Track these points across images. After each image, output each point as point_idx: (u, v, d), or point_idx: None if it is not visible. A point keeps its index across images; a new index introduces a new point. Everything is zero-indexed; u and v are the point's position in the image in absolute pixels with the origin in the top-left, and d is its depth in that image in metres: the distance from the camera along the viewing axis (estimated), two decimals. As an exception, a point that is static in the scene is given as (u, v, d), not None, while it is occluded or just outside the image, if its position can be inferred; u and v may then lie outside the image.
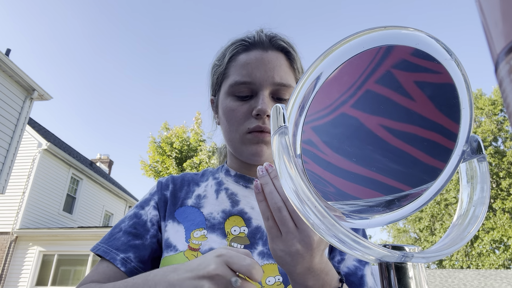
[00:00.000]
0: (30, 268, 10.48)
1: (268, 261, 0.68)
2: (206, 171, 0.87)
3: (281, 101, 0.75)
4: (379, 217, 0.38)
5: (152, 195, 0.80)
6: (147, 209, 0.78)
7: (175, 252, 0.70)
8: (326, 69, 0.35)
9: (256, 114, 0.72)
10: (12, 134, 8.55)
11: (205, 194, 0.79)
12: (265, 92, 0.73)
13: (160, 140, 12.76)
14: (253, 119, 0.73)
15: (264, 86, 0.73)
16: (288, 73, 0.77)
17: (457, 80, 0.36)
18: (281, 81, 0.74)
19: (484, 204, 0.36)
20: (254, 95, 0.74)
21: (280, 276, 0.66)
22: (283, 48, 0.78)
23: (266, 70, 0.74)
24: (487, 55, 0.19)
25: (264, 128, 0.72)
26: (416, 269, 0.31)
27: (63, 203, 12.45)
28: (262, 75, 0.74)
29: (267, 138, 0.73)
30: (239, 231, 0.72)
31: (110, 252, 0.71)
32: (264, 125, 0.72)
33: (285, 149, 0.33)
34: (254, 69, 0.74)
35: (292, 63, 0.79)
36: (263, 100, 0.72)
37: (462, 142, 0.37)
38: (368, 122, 0.37)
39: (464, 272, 14.58)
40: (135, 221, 0.76)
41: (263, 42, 0.78)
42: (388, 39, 0.35)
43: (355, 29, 0.36)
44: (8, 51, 8.94)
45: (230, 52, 0.79)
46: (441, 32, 40.25)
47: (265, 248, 0.69)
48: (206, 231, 0.72)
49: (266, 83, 0.73)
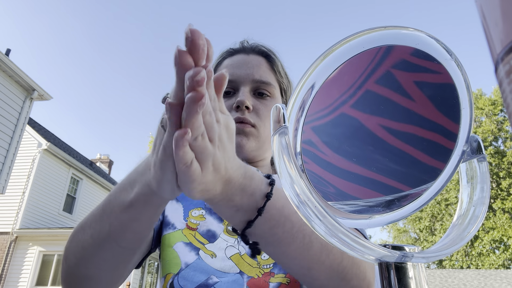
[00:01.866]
0: (30, 268, 10.48)
1: None
2: None
3: (262, 96, 0.80)
4: (379, 217, 0.38)
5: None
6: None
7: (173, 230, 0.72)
8: (326, 69, 0.35)
9: (236, 106, 0.76)
10: (12, 134, 8.55)
11: None
12: (245, 88, 0.79)
13: (160, 140, 12.74)
14: (234, 112, 0.77)
15: (245, 83, 0.79)
16: (268, 73, 0.83)
17: (457, 80, 0.36)
18: (260, 78, 0.80)
19: (484, 204, 0.36)
20: (236, 92, 0.80)
21: None
22: (263, 52, 0.86)
23: (246, 69, 0.81)
24: (487, 55, 0.19)
25: (244, 119, 0.75)
26: (416, 269, 0.31)
27: (63, 203, 12.45)
28: (242, 73, 0.80)
29: (247, 129, 0.76)
30: None
31: None
32: (244, 116, 0.76)
33: (285, 149, 0.33)
34: (236, 68, 0.81)
35: (273, 65, 0.85)
36: (243, 93, 0.77)
37: (462, 142, 0.37)
38: (368, 122, 0.37)
39: (464, 272, 14.59)
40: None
41: (246, 48, 0.86)
42: (388, 39, 0.35)
43: (355, 29, 0.36)
44: (8, 51, 8.93)
45: (216, 60, 0.87)
46: (441, 32, 40.27)
47: None
48: (204, 211, 0.74)
49: (247, 80, 0.79)
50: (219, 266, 0.66)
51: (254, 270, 0.66)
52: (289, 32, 53.94)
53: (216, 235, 0.70)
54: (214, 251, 0.68)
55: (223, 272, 0.66)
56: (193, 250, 0.68)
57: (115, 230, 0.50)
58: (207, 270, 0.66)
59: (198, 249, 0.68)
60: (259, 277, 0.66)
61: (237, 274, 0.65)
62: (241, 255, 0.68)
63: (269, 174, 0.48)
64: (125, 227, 0.50)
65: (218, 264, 0.66)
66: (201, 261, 0.67)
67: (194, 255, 0.67)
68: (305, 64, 0.36)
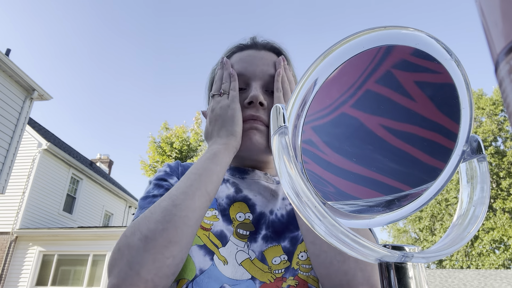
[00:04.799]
0: (30, 268, 10.48)
1: (272, 243, 0.69)
2: None
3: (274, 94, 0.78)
4: (379, 217, 0.38)
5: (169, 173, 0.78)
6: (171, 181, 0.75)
7: None
8: (326, 69, 0.35)
9: (248, 101, 0.74)
10: (12, 134, 8.55)
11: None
12: (257, 83, 0.77)
13: (160, 140, 12.76)
14: (246, 109, 0.75)
15: (257, 78, 0.77)
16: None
17: (457, 80, 0.36)
18: (272, 73, 0.78)
19: (484, 204, 0.36)
20: (247, 88, 0.77)
21: (285, 255, 0.68)
22: (275, 49, 0.83)
23: (258, 64, 0.78)
24: (487, 55, 0.19)
25: (257, 117, 0.74)
26: (416, 269, 0.31)
27: (63, 203, 12.45)
28: (254, 68, 0.78)
29: (261, 126, 0.74)
30: (244, 217, 0.72)
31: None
32: (258, 114, 0.74)
33: (285, 149, 0.33)
34: (247, 63, 0.79)
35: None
36: (255, 89, 0.75)
37: (462, 142, 0.37)
38: (368, 122, 0.37)
39: (464, 272, 14.59)
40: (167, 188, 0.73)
41: (257, 44, 0.83)
42: (388, 39, 0.35)
43: (355, 29, 0.36)
44: (8, 51, 8.94)
45: (224, 54, 0.84)
46: (441, 32, 40.26)
47: (268, 231, 0.71)
48: (217, 212, 0.73)
49: (259, 75, 0.77)
50: (231, 273, 0.64)
51: (266, 275, 0.65)
52: (289, 32, 53.93)
53: (226, 237, 0.69)
54: (225, 256, 0.66)
55: (235, 280, 0.64)
56: (208, 254, 0.66)
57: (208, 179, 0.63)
58: (220, 278, 0.64)
59: (212, 254, 0.66)
60: (271, 282, 0.65)
61: (249, 280, 0.64)
62: (252, 260, 0.67)
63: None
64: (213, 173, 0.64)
65: (230, 272, 0.65)
66: (214, 268, 0.65)
67: (209, 261, 0.65)
68: (305, 65, 0.36)
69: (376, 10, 48.10)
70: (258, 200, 0.75)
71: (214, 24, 53.66)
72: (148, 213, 0.59)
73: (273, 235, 0.70)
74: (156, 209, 0.59)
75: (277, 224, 0.72)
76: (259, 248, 0.68)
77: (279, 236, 0.70)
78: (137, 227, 0.57)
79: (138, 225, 0.57)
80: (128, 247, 0.55)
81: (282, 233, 0.70)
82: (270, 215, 0.73)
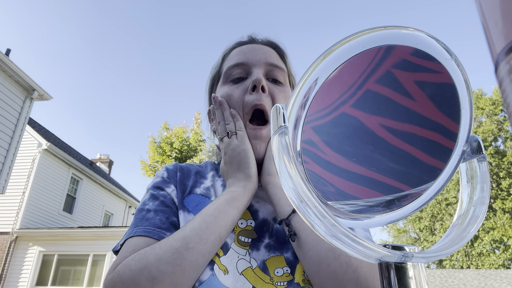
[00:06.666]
0: (30, 268, 10.48)
1: (274, 253, 0.68)
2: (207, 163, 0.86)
3: (276, 82, 0.79)
4: (379, 217, 0.38)
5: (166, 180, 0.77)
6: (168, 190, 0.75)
7: None
8: (326, 69, 0.35)
9: (252, 86, 0.75)
10: (12, 134, 8.55)
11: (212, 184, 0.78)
12: (258, 69, 0.77)
13: (160, 140, 12.76)
14: (249, 95, 0.75)
15: (257, 65, 0.78)
16: (279, 60, 0.82)
17: (457, 80, 0.36)
18: (273, 61, 0.79)
19: (484, 204, 0.36)
20: (249, 75, 0.78)
21: (287, 267, 0.66)
22: (272, 44, 0.85)
23: (258, 53, 0.80)
24: (487, 55, 0.19)
25: (260, 105, 0.74)
26: (416, 269, 0.31)
27: (63, 203, 12.45)
28: (254, 56, 0.79)
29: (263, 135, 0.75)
30: (246, 224, 0.71)
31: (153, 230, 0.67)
32: (261, 100, 0.74)
33: (285, 149, 0.33)
34: (247, 53, 0.80)
35: (282, 57, 0.84)
36: (258, 73, 0.76)
37: (462, 142, 0.37)
38: (368, 122, 0.37)
39: (464, 272, 14.58)
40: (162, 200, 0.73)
41: (255, 39, 0.85)
42: (388, 39, 0.35)
43: (355, 29, 0.36)
44: (8, 51, 8.93)
45: (223, 52, 0.86)
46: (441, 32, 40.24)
47: (271, 240, 0.69)
48: None
49: (259, 62, 0.78)
50: (231, 284, 0.63)
51: (268, 286, 0.64)
52: (289, 32, 53.93)
53: (228, 245, 0.68)
54: (226, 265, 0.65)
55: None
56: (208, 264, 0.64)
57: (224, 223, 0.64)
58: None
59: (213, 263, 0.65)
60: None
61: None
62: (253, 269, 0.65)
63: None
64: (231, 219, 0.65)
65: (230, 282, 0.63)
66: (214, 278, 0.63)
67: (209, 271, 0.64)
68: (305, 65, 0.36)
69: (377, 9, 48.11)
70: (261, 206, 0.74)
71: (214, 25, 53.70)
72: (159, 250, 0.58)
73: (276, 244, 0.69)
74: (168, 248, 0.58)
75: (281, 234, 0.70)
76: (261, 257, 0.67)
77: (282, 246, 0.68)
78: (145, 264, 0.56)
79: (146, 262, 0.57)
80: (134, 285, 0.55)
81: (286, 243, 0.69)
82: (274, 223, 0.72)
